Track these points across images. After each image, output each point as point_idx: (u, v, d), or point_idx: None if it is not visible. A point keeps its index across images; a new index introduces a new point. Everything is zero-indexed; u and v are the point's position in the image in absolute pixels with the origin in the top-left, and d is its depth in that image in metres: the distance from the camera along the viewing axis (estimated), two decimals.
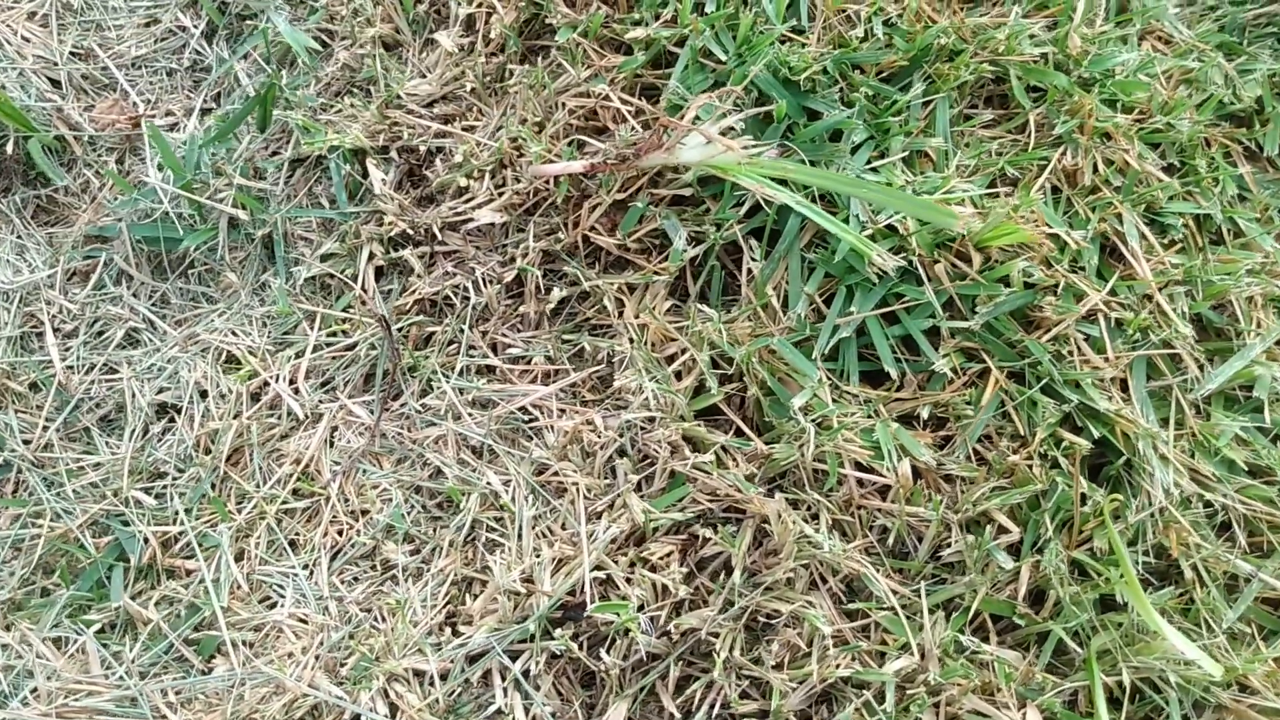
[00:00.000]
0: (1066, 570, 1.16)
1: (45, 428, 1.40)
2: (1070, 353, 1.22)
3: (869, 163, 1.27)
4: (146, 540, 1.31)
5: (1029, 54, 1.32)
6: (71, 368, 1.43)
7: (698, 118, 1.23)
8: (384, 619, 1.22)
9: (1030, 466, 1.17)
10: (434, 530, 1.27)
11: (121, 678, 1.22)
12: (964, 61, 1.30)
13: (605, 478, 1.24)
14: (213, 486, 1.34)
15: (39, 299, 1.46)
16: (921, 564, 1.19)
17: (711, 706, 1.15)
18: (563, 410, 1.28)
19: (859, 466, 1.19)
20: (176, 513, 1.32)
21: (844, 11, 1.33)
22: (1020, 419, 1.20)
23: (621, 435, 1.24)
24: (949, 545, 1.18)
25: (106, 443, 1.39)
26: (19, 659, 1.25)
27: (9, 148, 1.49)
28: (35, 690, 1.22)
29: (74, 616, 1.29)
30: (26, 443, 1.39)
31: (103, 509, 1.34)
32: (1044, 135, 1.32)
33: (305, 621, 1.24)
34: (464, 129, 1.38)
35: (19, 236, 1.51)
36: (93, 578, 1.31)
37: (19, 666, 1.24)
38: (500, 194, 1.34)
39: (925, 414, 1.21)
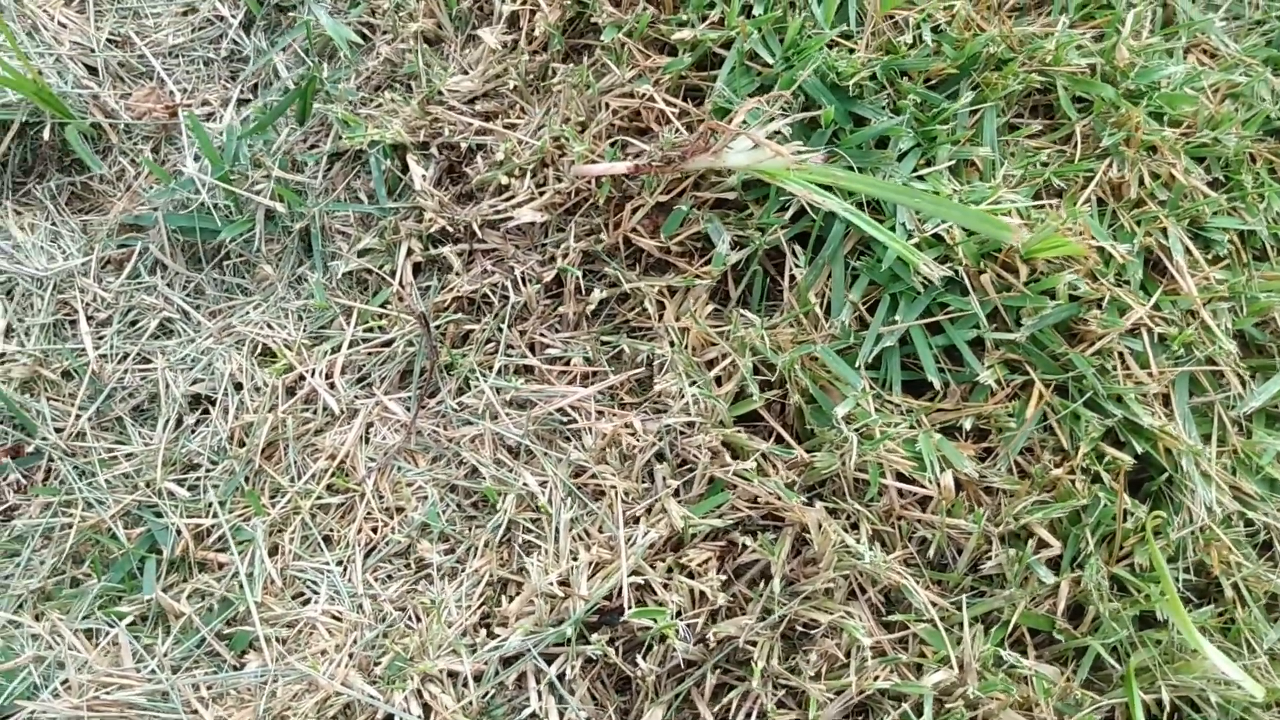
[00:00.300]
0: (1106, 586, 1.16)
1: (78, 416, 1.39)
2: (1114, 367, 1.21)
3: (915, 170, 1.26)
4: (179, 532, 1.30)
5: (1076, 65, 1.31)
6: (105, 356, 1.42)
7: (745, 121, 1.23)
8: (418, 618, 1.22)
9: (1072, 481, 1.17)
10: (469, 530, 1.26)
11: (153, 671, 1.22)
12: (1012, 71, 1.29)
13: (643, 482, 1.23)
14: (246, 480, 1.33)
15: (73, 287, 1.46)
16: (961, 576, 1.18)
17: (748, 715, 1.14)
18: (601, 412, 1.27)
19: (900, 477, 1.18)
20: (210, 505, 1.32)
21: (893, 17, 1.32)
22: (1063, 432, 1.20)
23: (661, 439, 1.23)
24: (989, 558, 1.17)
25: (139, 433, 1.39)
26: (50, 649, 1.24)
27: (45, 134, 1.49)
28: (66, 682, 1.21)
29: (105, 608, 1.28)
30: (59, 430, 1.39)
31: (135, 500, 1.33)
32: (1090, 147, 1.31)
33: (339, 619, 1.23)
34: (505, 127, 1.37)
35: (53, 223, 1.50)
36: (124, 569, 1.30)
37: (50, 657, 1.24)
38: (541, 193, 1.33)
39: (968, 425, 1.20)
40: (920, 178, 1.25)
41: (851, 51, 1.29)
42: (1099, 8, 1.39)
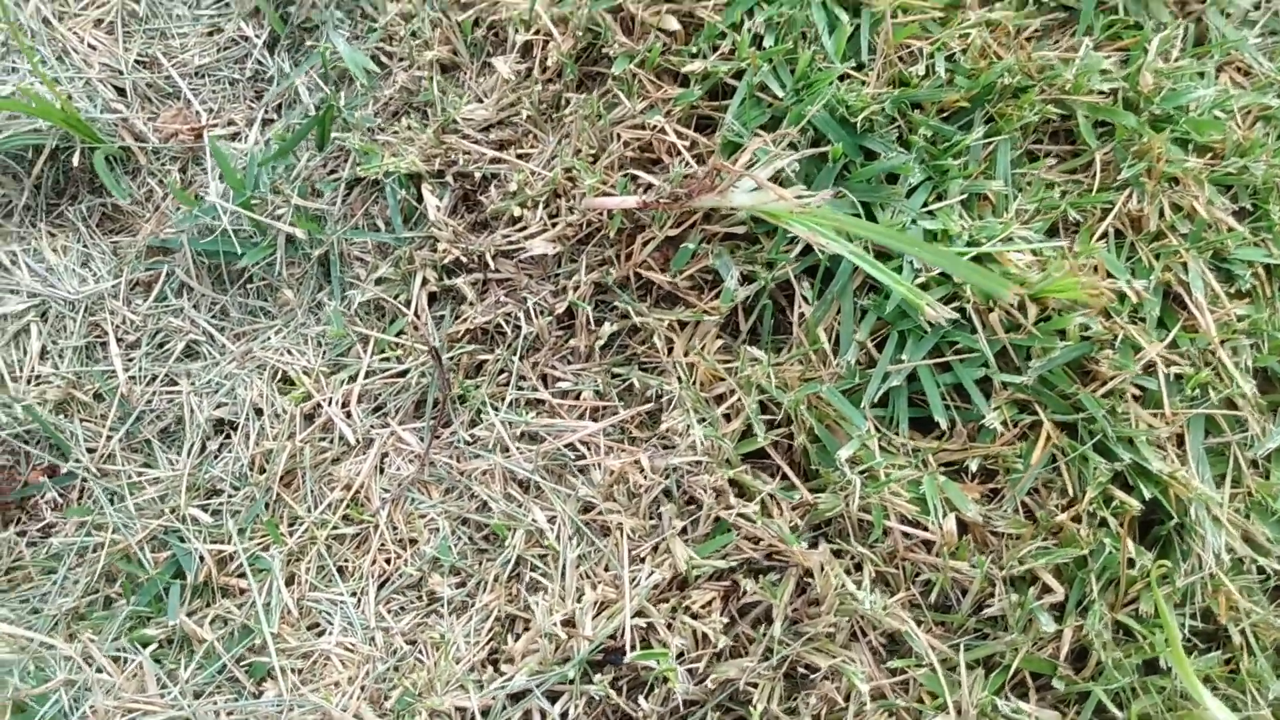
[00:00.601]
0: (1110, 632, 1.15)
1: (108, 438, 1.43)
2: (1125, 409, 1.19)
3: (925, 205, 1.24)
4: (202, 558, 1.34)
5: (1098, 91, 1.28)
6: (134, 379, 1.46)
7: (754, 158, 1.22)
8: (428, 653, 1.25)
9: (1077, 528, 1.16)
10: (480, 564, 1.29)
11: (176, 698, 1.26)
12: (1029, 100, 1.26)
13: (650, 519, 1.24)
14: (266, 507, 1.36)
15: (103, 309, 1.49)
16: (964, 619, 1.18)
17: None
18: (610, 448, 1.28)
19: (904, 520, 1.18)
20: (230, 533, 1.35)
21: (906, 47, 1.29)
22: (1070, 475, 1.18)
23: (667, 477, 1.24)
24: (992, 602, 1.17)
25: (166, 457, 1.42)
26: (80, 672, 1.29)
27: (75, 158, 1.52)
28: (93, 707, 1.26)
29: (134, 629, 1.33)
30: (91, 452, 1.43)
31: (161, 524, 1.37)
32: (1110, 176, 1.28)
33: (352, 651, 1.26)
34: (518, 156, 1.38)
35: (84, 246, 1.54)
36: (151, 592, 1.35)
37: (80, 680, 1.29)
38: (554, 224, 1.33)
39: (974, 466, 1.19)
40: (930, 213, 1.24)
41: (863, 84, 1.27)
42: (1126, 28, 1.36)
